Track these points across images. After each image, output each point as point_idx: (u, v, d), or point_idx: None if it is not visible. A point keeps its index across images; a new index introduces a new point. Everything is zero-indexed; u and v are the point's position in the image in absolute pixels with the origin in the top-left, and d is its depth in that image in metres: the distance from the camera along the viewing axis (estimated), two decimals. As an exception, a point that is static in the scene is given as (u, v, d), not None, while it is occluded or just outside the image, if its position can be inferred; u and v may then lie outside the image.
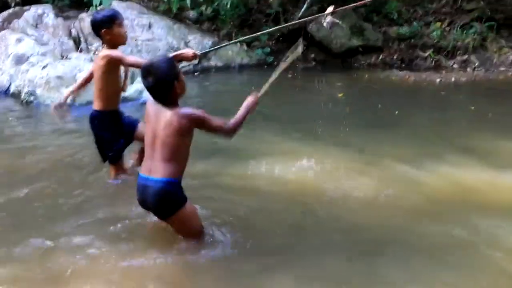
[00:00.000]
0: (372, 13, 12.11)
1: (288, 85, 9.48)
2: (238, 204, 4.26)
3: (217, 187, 4.60)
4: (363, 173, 4.92)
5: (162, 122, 3.25)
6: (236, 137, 5.80)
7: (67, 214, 4.08)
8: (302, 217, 4.12)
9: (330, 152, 5.51)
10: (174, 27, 10.73)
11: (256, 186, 4.62)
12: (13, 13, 9.90)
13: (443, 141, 5.97)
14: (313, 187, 4.62)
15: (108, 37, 4.20)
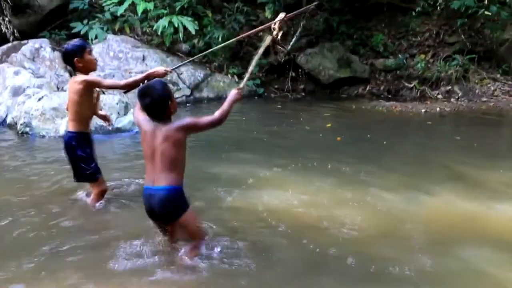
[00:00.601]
0: (359, 46, 12.16)
1: (277, 115, 9.44)
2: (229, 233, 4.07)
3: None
4: (353, 204, 4.75)
5: (159, 137, 3.44)
6: (229, 167, 5.75)
7: (52, 238, 3.92)
8: (291, 247, 3.91)
9: (319, 182, 5.33)
10: (167, 60, 10.67)
11: (244, 217, 4.42)
12: (11, 47, 9.81)
13: (431, 171, 5.86)
14: (303, 217, 4.44)
15: (81, 65, 4.30)
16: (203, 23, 11.15)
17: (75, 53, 4.29)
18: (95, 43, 10.35)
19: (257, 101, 10.71)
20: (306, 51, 11.65)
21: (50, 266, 3.54)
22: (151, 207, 3.50)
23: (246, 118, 8.93)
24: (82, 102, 4.31)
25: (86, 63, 4.32)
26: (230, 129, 8.26)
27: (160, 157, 3.43)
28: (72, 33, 10.92)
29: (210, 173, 5.53)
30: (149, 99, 3.43)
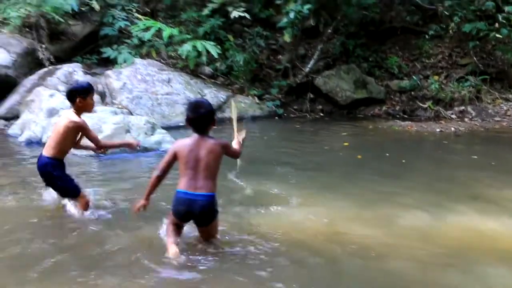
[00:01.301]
0: (375, 68, 12.08)
1: (297, 135, 9.35)
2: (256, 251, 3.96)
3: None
4: (374, 221, 4.63)
5: (204, 150, 3.68)
6: (250, 183, 5.65)
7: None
8: (313, 262, 3.78)
9: (341, 200, 5.23)
10: (191, 82, 10.68)
11: (263, 232, 4.27)
12: (47, 71, 9.90)
13: (450, 189, 5.69)
14: (324, 233, 4.30)
15: (81, 104, 4.49)
16: (225, 47, 11.17)
17: (80, 93, 4.49)
18: (124, 67, 10.39)
19: (277, 121, 10.63)
20: (324, 73, 11.60)
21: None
22: (191, 210, 3.67)
23: (267, 138, 8.86)
24: (67, 137, 4.48)
25: (86, 105, 4.52)
26: (251, 147, 8.21)
27: (204, 166, 3.66)
28: (102, 58, 11.02)
29: (231, 189, 5.44)
30: (203, 110, 3.72)
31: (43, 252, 3.85)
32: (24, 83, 9.73)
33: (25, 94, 9.51)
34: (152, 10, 12.57)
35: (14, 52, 9.85)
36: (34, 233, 4.24)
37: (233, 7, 10.31)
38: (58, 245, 4.01)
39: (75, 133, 4.53)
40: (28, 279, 3.44)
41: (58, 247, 3.97)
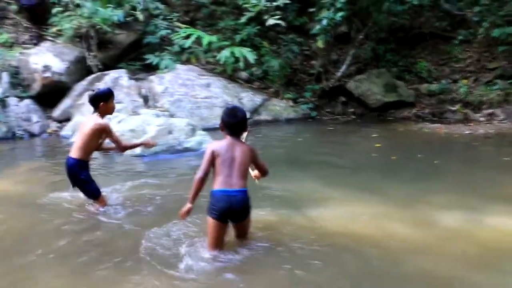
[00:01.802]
0: (404, 72, 12.08)
1: (330, 137, 9.42)
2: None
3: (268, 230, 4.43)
4: (410, 222, 4.60)
5: (239, 151, 3.83)
6: (287, 185, 5.76)
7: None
8: (349, 262, 3.82)
9: (376, 200, 5.23)
10: (229, 86, 10.87)
11: (301, 232, 4.32)
12: (95, 77, 10.25)
13: (484, 191, 5.60)
14: (360, 234, 4.32)
15: (104, 108, 4.70)
16: (260, 53, 11.33)
17: (102, 98, 4.70)
18: (165, 72, 10.68)
19: (310, 123, 10.73)
20: (355, 78, 11.64)
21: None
22: (231, 206, 3.76)
23: (302, 139, 8.98)
24: (93, 139, 4.68)
25: (108, 108, 4.75)
26: (287, 148, 8.35)
27: (238, 166, 3.80)
28: (145, 64, 11.32)
29: (268, 189, 5.53)
30: (241, 115, 3.92)
31: (81, 248, 4.04)
32: (75, 88, 10.12)
33: (76, 98, 9.89)
34: (191, 19, 12.84)
35: (67, 60, 10.25)
36: (78, 227, 4.48)
37: (269, 15, 10.45)
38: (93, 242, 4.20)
39: (99, 135, 4.72)
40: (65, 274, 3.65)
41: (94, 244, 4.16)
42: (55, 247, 4.02)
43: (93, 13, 10.42)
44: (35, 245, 4.05)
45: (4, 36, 10.81)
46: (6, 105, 9.34)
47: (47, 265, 3.76)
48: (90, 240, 4.21)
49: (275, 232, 4.30)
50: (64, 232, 4.34)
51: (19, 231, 4.47)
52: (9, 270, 3.68)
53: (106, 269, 3.65)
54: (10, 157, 8.00)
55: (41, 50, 10.32)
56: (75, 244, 4.11)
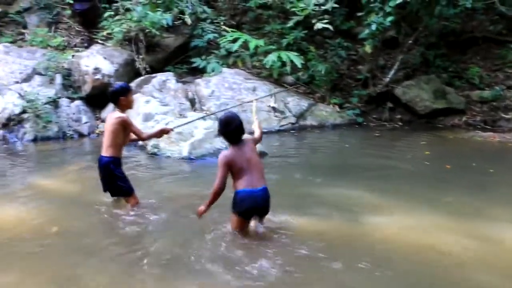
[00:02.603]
0: (455, 78, 11.62)
1: (377, 143, 9.15)
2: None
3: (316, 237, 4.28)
4: (464, 233, 4.38)
5: (248, 152, 4.02)
6: (337, 192, 5.59)
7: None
8: (398, 273, 3.67)
9: (427, 210, 5.01)
10: (275, 91, 10.72)
11: (349, 240, 4.23)
12: (143, 79, 10.35)
13: None
14: (411, 244, 4.15)
15: (124, 103, 4.75)
16: (307, 57, 11.16)
17: (122, 92, 4.75)
18: (212, 75, 10.66)
19: (356, 129, 10.47)
20: (403, 83, 11.29)
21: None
22: (257, 204, 4.00)
23: (349, 145, 8.76)
24: (118, 134, 4.71)
25: (128, 102, 4.80)
26: (334, 154, 8.16)
27: (254, 166, 3.99)
28: (192, 67, 11.36)
29: (318, 196, 5.41)
30: (237, 123, 4.02)
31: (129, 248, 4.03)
32: (123, 91, 10.23)
33: (124, 100, 9.99)
34: (237, 23, 12.81)
35: (117, 63, 10.39)
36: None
37: (317, 19, 10.26)
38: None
39: (123, 129, 4.73)
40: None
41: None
42: (103, 245, 4.03)
43: (143, 17, 10.52)
44: (85, 244, 4.06)
45: (58, 40, 11.08)
46: (58, 106, 9.55)
47: (100, 263, 3.77)
48: (137, 240, 4.18)
49: (326, 240, 4.16)
50: (112, 231, 4.34)
51: (71, 229, 4.50)
52: (65, 265, 3.68)
53: (156, 269, 3.62)
54: (60, 157, 8.14)
55: (92, 53, 10.50)
56: (122, 243, 4.10)
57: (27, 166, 7.30)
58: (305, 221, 4.36)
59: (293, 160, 7.71)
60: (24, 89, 9.50)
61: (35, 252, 3.95)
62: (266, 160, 7.38)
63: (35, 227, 4.52)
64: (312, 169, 6.78)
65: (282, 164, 7.21)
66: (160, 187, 5.85)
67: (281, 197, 5.00)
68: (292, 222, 4.50)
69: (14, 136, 8.90)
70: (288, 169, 6.84)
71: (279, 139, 9.37)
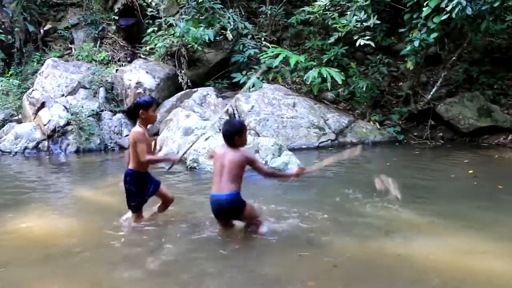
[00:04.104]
0: (500, 96, 11.16)
1: (418, 162, 8.83)
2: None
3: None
4: (500, 258, 4.04)
5: (227, 159, 4.21)
6: (380, 212, 5.34)
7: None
8: None
9: (473, 233, 4.68)
10: (315, 107, 10.58)
11: (387, 262, 3.97)
12: (184, 94, 10.39)
13: None
14: (449, 268, 3.83)
15: (143, 117, 4.65)
16: (347, 74, 10.96)
17: (142, 106, 4.65)
18: (252, 91, 10.58)
19: (397, 147, 10.15)
20: (446, 100, 10.92)
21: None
22: (221, 207, 4.25)
23: (390, 163, 8.46)
24: (134, 148, 4.58)
25: (148, 117, 4.67)
26: (374, 172, 7.87)
27: (226, 173, 4.18)
28: (232, 82, 11.32)
29: (361, 216, 5.18)
30: (226, 127, 4.32)
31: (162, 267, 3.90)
32: (164, 104, 10.28)
33: (165, 114, 10.04)
34: (278, 39, 12.75)
35: (158, 77, 10.47)
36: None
37: (359, 35, 10.07)
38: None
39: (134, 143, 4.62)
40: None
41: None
42: (132, 261, 3.92)
43: (185, 33, 10.58)
44: (114, 258, 3.97)
45: (103, 54, 11.26)
46: (101, 118, 9.65)
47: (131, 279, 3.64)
48: (167, 258, 4.05)
49: (368, 263, 3.92)
50: (144, 248, 4.23)
51: (99, 242, 4.41)
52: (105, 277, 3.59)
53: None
54: (101, 169, 8.19)
55: (135, 67, 10.62)
56: (151, 261, 3.96)
57: (71, 177, 7.35)
58: (347, 243, 4.14)
59: (333, 176, 7.49)
60: (69, 101, 9.66)
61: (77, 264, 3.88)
62: (306, 177, 7.19)
63: (81, 239, 4.47)
64: (351, 186, 6.52)
65: (320, 181, 7.00)
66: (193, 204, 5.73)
67: (323, 214, 4.94)
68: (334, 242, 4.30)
69: (58, 147, 9.04)
70: (327, 186, 6.63)
71: (319, 155, 9.16)
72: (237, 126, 4.36)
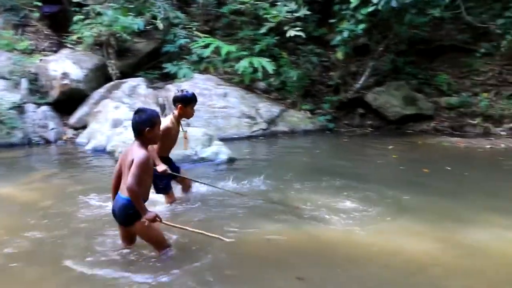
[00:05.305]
0: (424, 85, 11.64)
1: (348, 149, 9.07)
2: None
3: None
4: (432, 238, 4.26)
5: (130, 155, 3.50)
6: (297, 193, 5.44)
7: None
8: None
9: (401, 215, 4.86)
10: (246, 97, 10.58)
11: (317, 246, 4.08)
12: (113, 85, 10.05)
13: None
14: (383, 250, 3.98)
15: (181, 111, 4.82)
16: (279, 64, 11.03)
17: (182, 100, 4.78)
18: (183, 81, 10.43)
19: (328, 135, 10.36)
20: (374, 90, 11.26)
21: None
22: (114, 210, 3.66)
23: (320, 151, 8.64)
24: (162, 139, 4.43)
25: (186, 112, 4.82)
26: (305, 160, 8.02)
27: (127, 171, 3.47)
28: (164, 73, 11.11)
29: (284, 199, 5.25)
30: (134, 116, 3.61)
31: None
32: (92, 96, 9.92)
33: (93, 106, 9.69)
34: (210, 29, 12.62)
35: (86, 68, 10.06)
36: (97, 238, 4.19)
37: (289, 26, 10.14)
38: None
39: (164, 135, 4.52)
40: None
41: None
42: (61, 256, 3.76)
43: (114, 22, 10.25)
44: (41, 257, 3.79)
45: (25, 43, 10.68)
46: (24, 111, 9.18)
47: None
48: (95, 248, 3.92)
49: (305, 249, 3.98)
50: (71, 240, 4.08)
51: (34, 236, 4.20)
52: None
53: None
54: (25, 164, 7.79)
55: (60, 57, 10.16)
56: (80, 255, 3.83)
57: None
58: (269, 227, 4.17)
59: (263, 165, 7.53)
60: (-14, 93, 9.10)
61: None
62: (237, 166, 7.21)
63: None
64: (281, 175, 6.59)
65: (252, 170, 7.03)
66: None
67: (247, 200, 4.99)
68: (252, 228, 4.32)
69: (-26, 142, 8.50)
70: (259, 175, 6.64)
71: (250, 144, 9.19)
72: (145, 117, 3.58)
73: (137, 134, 3.58)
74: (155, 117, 3.63)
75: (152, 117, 3.61)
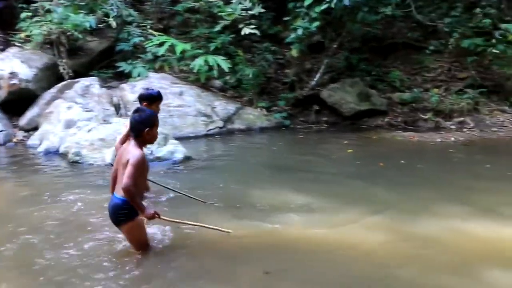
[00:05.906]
0: (377, 81, 11.92)
1: (304, 145, 9.20)
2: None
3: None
4: (380, 228, 4.44)
5: (125, 158, 3.52)
6: (255, 190, 5.49)
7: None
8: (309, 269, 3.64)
9: (349, 207, 5.03)
10: (202, 95, 10.55)
11: (278, 242, 4.17)
12: (65, 84, 9.78)
13: (476, 197, 5.44)
14: (340, 244, 4.13)
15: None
16: (234, 62, 11.05)
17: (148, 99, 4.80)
18: (137, 80, 10.30)
19: (284, 132, 10.45)
20: (329, 86, 11.43)
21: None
22: (108, 209, 3.69)
23: (276, 148, 8.73)
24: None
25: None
26: (262, 158, 8.09)
27: (122, 170, 3.49)
28: (117, 72, 10.93)
29: (244, 197, 5.30)
30: (133, 115, 3.61)
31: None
32: (43, 96, 9.65)
33: (45, 106, 9.42)
34: (165, 27, 12.50)
35: (35, 67, 9.78)
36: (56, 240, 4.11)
37: (244, 24, 10.18)
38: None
39: None
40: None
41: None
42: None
43: (64, 19, 10.02)
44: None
45: (-31, 42, 10.30)
46: (-31, 113, 8.85)
47: None
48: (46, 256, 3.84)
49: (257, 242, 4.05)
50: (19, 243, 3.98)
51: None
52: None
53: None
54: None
55: (8, 56, 9.84)
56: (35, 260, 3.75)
57: None
58: (229, 224, 4.20)
59: (220, 163, 7.56)
60: None
61: None
62: (193, 165, 7.20)
63: None
64: (239, 172, 6.65)
65: (209, 168, 7.04)
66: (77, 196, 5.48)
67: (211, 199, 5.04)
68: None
69: None
70: (216, 173, 6.69)
71: (207, 143, 9.18)
72: (140, 117, 3.61)
73: (135, 135, 3.58)
74: (154, 117, 3.66)
75: (152, 117, 3.63)
